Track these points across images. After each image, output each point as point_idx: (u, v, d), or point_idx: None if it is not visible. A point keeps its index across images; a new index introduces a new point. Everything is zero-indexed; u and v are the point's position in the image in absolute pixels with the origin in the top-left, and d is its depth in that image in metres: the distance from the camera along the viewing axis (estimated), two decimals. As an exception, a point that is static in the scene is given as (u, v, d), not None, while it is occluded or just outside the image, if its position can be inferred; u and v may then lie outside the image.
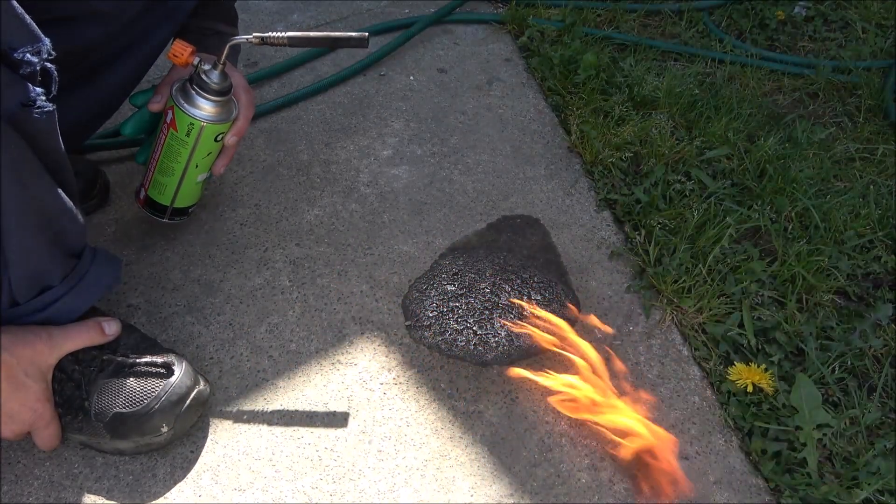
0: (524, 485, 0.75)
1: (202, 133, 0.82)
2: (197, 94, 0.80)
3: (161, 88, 0.84)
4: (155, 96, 0.83)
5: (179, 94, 0.80)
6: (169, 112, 0.81)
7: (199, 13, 0.88)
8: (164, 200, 0.87)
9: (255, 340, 0.85)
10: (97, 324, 0.71)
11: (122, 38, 0.77)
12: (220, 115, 0.82)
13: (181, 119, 0.80)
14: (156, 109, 0.82)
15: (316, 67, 1.26)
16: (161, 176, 0.85)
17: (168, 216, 0.89)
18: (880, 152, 1.20)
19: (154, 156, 0.85)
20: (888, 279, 0.99)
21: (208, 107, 0.81)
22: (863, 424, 0.81)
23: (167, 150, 0.83)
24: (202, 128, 0.81)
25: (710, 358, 0.88)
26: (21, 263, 0.62)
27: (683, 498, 0.74)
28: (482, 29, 1.40)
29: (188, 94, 0.80)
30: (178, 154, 0.83)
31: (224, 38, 0.89)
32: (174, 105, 0.80)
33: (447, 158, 1.12)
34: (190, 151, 0.83)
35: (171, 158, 0.83)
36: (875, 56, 1.44)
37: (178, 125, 0.81)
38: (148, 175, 0.86)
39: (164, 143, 0.83)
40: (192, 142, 0.82)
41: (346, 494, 0.73)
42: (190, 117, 0.80)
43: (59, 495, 0.71)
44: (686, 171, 1.10)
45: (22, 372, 0.65)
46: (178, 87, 0.81)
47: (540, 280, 0.93)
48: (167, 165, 0.84)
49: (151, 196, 0.87)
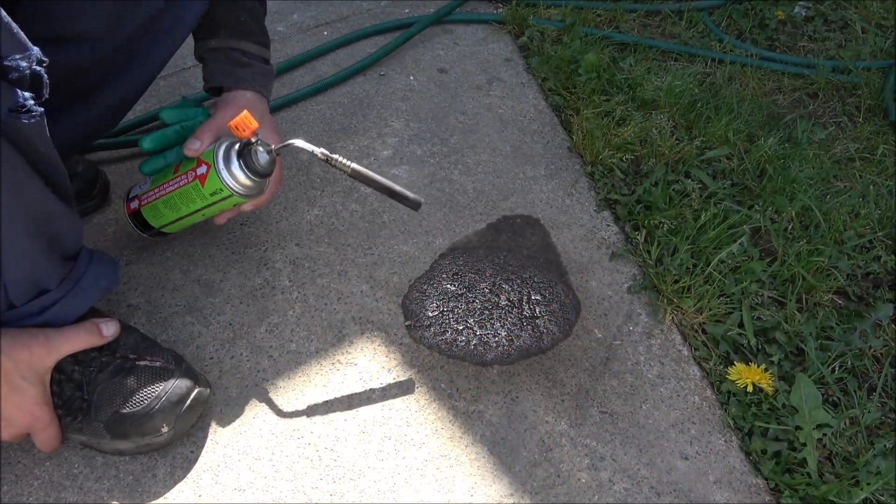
0: (524, 485, 0.75)
1: (226, 199, 0.80)
2: (240, 168, 0.77)
3: (203, 135, 0.80)
4: (194, 141, 0.79)
5: (222, 158, 0.77)
6: (203, 166, 0.78)
7: (218, 33, 0.87)
8: (155, 223, 0.85)
9: (255, 340, 0.85)
10: (95, 326, 0.71)
11: (116, 60, 0.75)
12: (251, 191, 0.80)
13: (213, 181, 0.78)
14: (192, 155, 0.79)
15: (316, 67, 1.26)
16: (164, 207, 0.82)
17: (150, 234, 0.87)
18: (880, 152, 1.20)
19: (165, 186, 0.81)
20: (888, 279, 1.00)
21: (245, 182, 0.78)
22: (863, 424, 0.81)
23: (183, 194, 0.80)
24: (229, 196, 0.79)
25: (710, 358, 0.88)
26: (15, 267, 0.62)
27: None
28: (482, 29, 1.40)
29: (230, 162, 0.77)
30: (191, 201, 0.81)
31: (255, 66, 0.88)
32: (212, 165, 0.77)
33: (447, 158, 1.12)
34: (205, 206, 0.81)
35: (183, 202, 0.81)
36: (875, 56, 1.44)
37: (206, 183, 0.78)
38: (149, 195, 0.83)
39: (183, 186, 0.80)
40: (211, 201, 0.80)
41: (346, 494, 0.73)
42: (223, 184, 0.78)
43: (59, 495, 0.71)
44: (686, 171, 1.11)
45: (18, 375, 0.65)
46: (224, 149, 0.78)
47: (540, 280, 0.93)
48: (175, 203, 0.81)
49: (144, 214, 0.84)
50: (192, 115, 0.87)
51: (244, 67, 0.87)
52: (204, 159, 0.78)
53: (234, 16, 0.86)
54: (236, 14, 0.86)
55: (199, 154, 0.78)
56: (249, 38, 0.88)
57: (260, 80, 0.88)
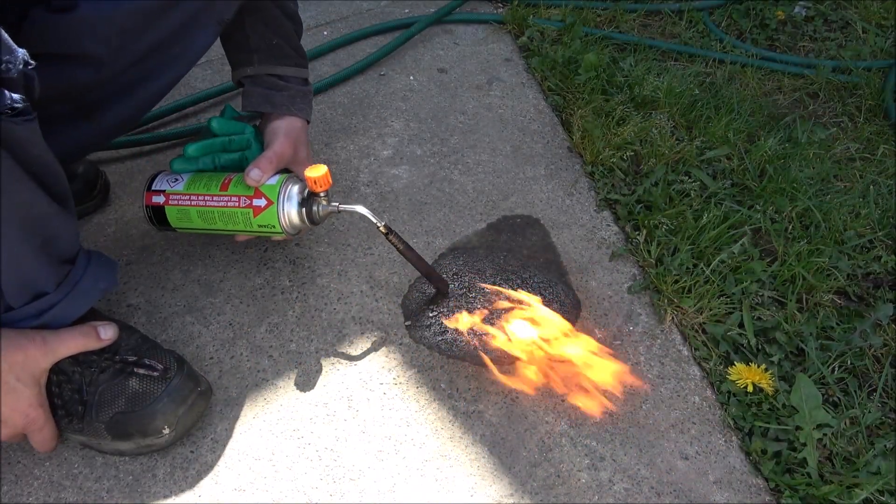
0: (524, 485, 0.75)
1: (270, 233, 0.81)
2: (298, 214, 0.79)
3: (264, 165, 0.80)
4: (255, 171, 0.79)
5: (287, 200, 0.79)
6: (262, 199, 0.79)
7: (253, 59, 0.87)
8: (175, 224, 0.85)
9: (255, 340, 0.85)
10: (93, 329, 0.71)
11: (121, 81, 0.75)
12: (296, 232, 0.82)
13: (269, 217, 0.79)
14: (252, 185, 0.79)
15: (316, 67, 1.26)
16: (198, 216, 0.82)
17: (161, 228, 0.87)
18: (880, 152, 1.20)
19: (206, 198, 0.81)
20: (888, 279, 0.99)
21: (298, 225, 0.81)
22: (863, 424, 0.81)
23: (228, 214, 0.80)
24: (277, 233, 0.81)
25: (710, 358, 0.88)
26: (9, 270, 0.62)
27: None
28: (482, 29, 1.40)
29: (292, 205, 0.79)
30: (234, 224, 0.81)
31: (293, 89, 0.89)
32: (275, 203, 0.78)
33: (447, 158, 1.12)
34: (243, 230, 0.82)
35: (224, 220, 0.81)
36: (875, 56, 1.44)
37: (261, 216, 0.79)
38: (181, 198, 0.82)
39: (231, 208, 0.80)
40: (256, 230, 0.81)
41: (346, 494, 0.73)
42: (279, 223, 0.79)
43: (59, 495, 0.71)
44: (686, 171, 1.11)
45: (13, 377, 0.65)
46: (288, 191, 0.79)
47: (540, 280, 0.93)
48: (214, 219, 0.82)
49: (167, 213, 0.84)
50: (238, 128, 0.87)
51: (281, 91, 0.88)
52: (266, 193, 0.79)
53: (267, 41, 0.87)
54: (269, 39, 0.87)
55: (259, 185, 0.79)
56: (284, 61, 0.90)
57: (298, 104, 0.89)
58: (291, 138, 0.86)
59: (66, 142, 0.75)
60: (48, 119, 0.61)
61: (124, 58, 0.73)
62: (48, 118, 0.62)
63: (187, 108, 1.16)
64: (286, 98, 0.88)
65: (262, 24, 0.86)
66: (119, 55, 0.72)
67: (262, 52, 0.88)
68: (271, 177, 0.81)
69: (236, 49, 0.89)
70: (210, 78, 1.23)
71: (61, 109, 0.73)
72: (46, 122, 0.60)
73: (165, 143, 1.09)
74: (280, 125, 0.87)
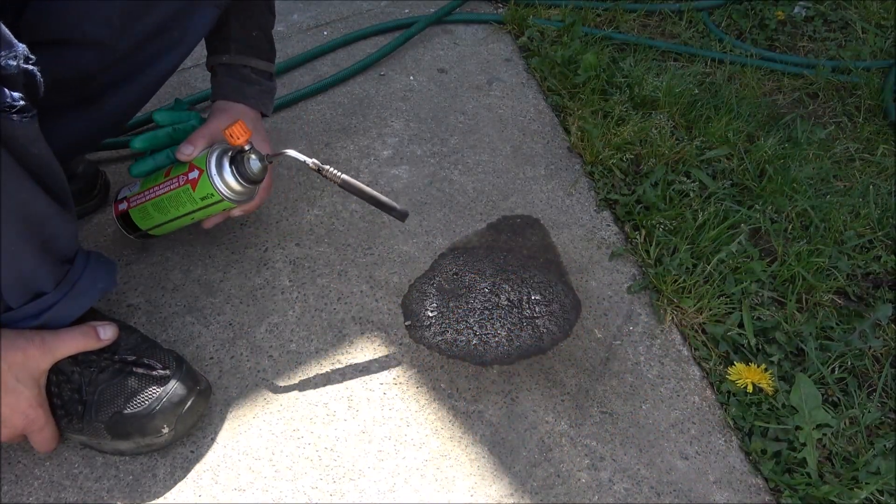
0: (524, 485, 0.75)
1: (216, 204, 0.81)
2: (231, 174, 0.79)
3: (196, 140, 0.81)
4: (186, 146, 0.80)
5: (214, 164, 0.78)
6: (195, 171, 0.79)
7: (230, 48, 0.88)
8: (142, 226, 0.86)
9: (255, 340, 0.85)
10: (92, 329, 0.71)
11: (122, 67, 0.75)
12: (242, 197, 0.81)
13: (204, 186, 0.79)
14: (184, 160, 0.80)
15: (316, 67, 1.26)
16: (153, 209, 0.83)
17: (136, 236, 0.88)
18: (880, 152, 1.20)
19: (155, 189, 0.82)
20: (888, 279, 1.00)
21: (236, 188, 0.80)
22: (863, 424, 0.81)
23: (173, 197, 0.81)
24: (220, 201, 0.80)
25: (710, 358, 0.88)
26: (9, 269, 0.62)
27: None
28: (482, 29, 1.40)
29: (222, 168, 0.79)
30: (181, 205, 0.81)
31: (262, 84, 0.89)
32: (205, 170, 0.78)
33: (447, 158, 1.12)
34: (195, 209, 0.82)
35: (173, 205, 0.82)
36: (875, 56, 1.44)
37: (198, 188, 0.79)
38: (138, 198, 0.84)
39: (174, 190, 0.80)
40: (202, 205, 0.81)
41: (346, 494, 0.73)
42: (214, 189, 0.79)
43: (59, 495, 0.71)
44: (686, 171, 1.11)
45: (13, 377, 0.65)
46: (216, 155, 0.79)
47: (540, 280, 0.93)
48: (165, 206, 0.82)
49: (132, 216, 0.85)
50: (184, 118, 0.87)
51: (251, 85, 0.89)
52: (196, 164, 0.79)
53: (247, 32, 0.88)
54: (249, 30, 0.88)
55: (191, 159, 0.80)
56: (259, 54, 0.90)
57: (263, 99, 0.90)
58: (232, 115, 0.85)
59: (69, 133, 0.75)
60: (52, 110, 0.61)
61: (125, 41, 0.73)
62: (52, 109, 0.61)
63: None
64: (256, 92, 0.89)
65: (246, 14, 0.87)
66: (120, 39, 0.72)
67: (241, 41, 0.88)
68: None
69: (215, 35, 0.88)
70: (210, 77, 1.22)
71: (63, 99, 0.73)
72: (50, 113, 0.59)
73: (165, 143, 1.09)
74: (225, 104, 0.87)
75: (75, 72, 0.71)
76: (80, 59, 0.71)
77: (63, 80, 0.69)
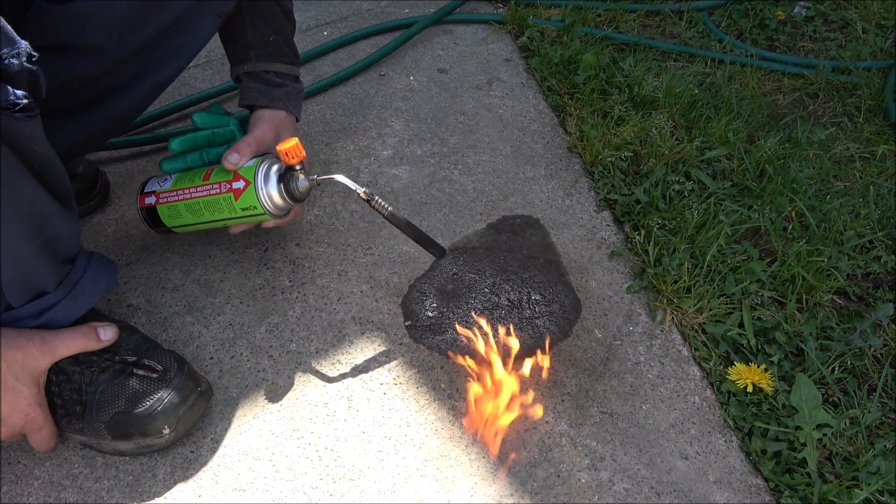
0: (524, 485, 0.75)
1: (256, 216, 0.81)
2: (278, 190, 0.79)
3: (243, 149, 0.81)
4: (233, 154, 0.80)
5: (263, 178, 0.79)
6: (240, 181, 0.79)
7: (249, 56, 0.88)
8: (169, 223, 0.86)
9: (255, 340, 0.85)
10: (93, 329, 0.71)
11: (122, 73, 0.76)
12: (282, 213, 0.82)
13: (249, 197, 0.79)
14: (231, 168, 0.80)
15: (316, 67, 1.26)
16: (186, 210, 0.83)
17: (158, 231, 0.88)
18: (880, 152, 1.20)
19: (191, 190, 0.82)
20: (888, 279, 0.99)
21: (280, 203, 0.80)
22: (863, 424, 0.81)
23: (211, 202, 0.81)
24: (261, 214, 0.81)
25: (710, 358, 0.88)
26: (10, 268, 0.62)
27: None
28: (482, 29, 1.40)
29: (270, 183, 0.79)
30: (219, 211, 0.81)
31: (288, 86, 0.90)
32: (252, 183, 0.78)
33: (447, 158, 1.12)
34: (232, 217, 0.82)
35: (210, 210, 0.82)
36: (875, 56, 1.44)
37: (241, 198, 0.79)
38: (170, 195, 0.83)
39: (214, 196, 0.80)
40: (241, 215, 0.81)
41: (346, 494, 0.73)
42: (259, 203, 0.79)
43: (59, 495, 0.71)
44: (686, 172, 1.11)
45: (12, 376, 0.65)
46: (265, 169, 0.79)
47: (540, 280, 0.93)
48: (200, 210, 0.82)
49: (160, 212, 0.85)
50: (223, 122, 0.88)
51: (277, 87, 0.89)
52: (243, 175, 0.79)
53: (264, 38, 0.88)
54: (265, 36, 0.88)
55: (237, 168, 0.80)
56: (280, 58, 0.90)
57: (292, 101, 0.90)
58: (273, 124, 0.86)
59: (70, 136, 0.75)
60: (52, 113, 0.61)
61: (125, 48, 0.73)
62: (52, 112, 0.61)
63: (187, 109, 1.16)
64: (282, 94, 0.89)
65: (261, 20, 0.87)
66: (120, 45, 0.72)
67: (259, 48, 0.88)
68: (251, 160, 0.81)
69: (234, 45, 0.89)
70: (210, 78, 1.23)
71: (64, 103, 0.73)
72: (50, 117, 0.60)
73: (165, 144, 1.09)
74: (265, 113, 0.88)
75: (75, 77, 0.71)
76: (79, 65, 0.71)
77: (63, 84, 0.70)
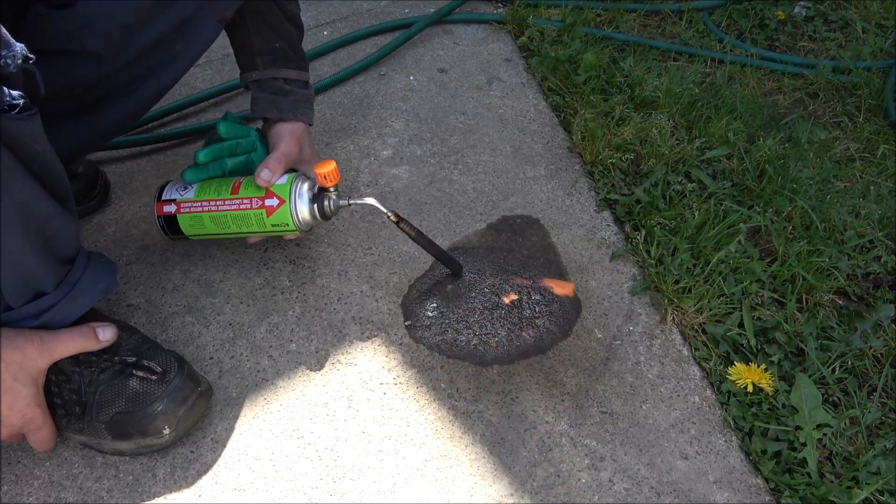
0: (524, 485, 0.75)
1: (283, 231, 0.82)
2: (310, 210, 0.80)
3: (275, 167, 0.81)
4: (265, 172, 0.80)
5: (298, 197, 0.80)
6: (274, 198, 0.80)
7: (257, 63, 0.88)
8: (188, 232, 0.85)
9: (255, 340, 0.85)
10: (92, 330, 0.70)
11: (122, 78, 0.75)
12: (308, 228, 0.83)
13: (282, 215, 0.80)
14: (263, 185, 0.80)
15: (316, 67, 1.26)
16: (211, 222, 0.83)
17: (173, 237, 0.87)
18: (880, 152, 1.20)
19: (217, 203, 0.82)
20: (888, 279, 0.99)
21: (310, 221, 0.82)
22: (863, 424, 0.81)
23: (241, 217, 0.81)
24: (291, 231, 0.82)
25: (710, 358, 0.88)
26: (9, 269, 0.62)
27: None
28: (482, 29, 1.40)
29: (303, 202, 0.80)
30: (247, 225, 0.82)
31: (297, 93, 0.90)
32: (287, 201, 0.79)
33: (447, 158, 1.12)
34: (257, 231, 0.83)
35: (237, 223, 0.82)
36: (875, 56, 1.44)
37: (274, 215, 0.80)
38: (193, 205, 0.83)
39: (244, 210, 0.81)
40: (269, 230, 0.82)
41: (346, 494, 0.73)
42: (292, 221, 0.80)
43: (59, 495, 0.71)
44: (686, 172, 1.11)
45: (10, 376, 0.65)
46: (299, 188, 0.80)
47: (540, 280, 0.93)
48: (227, 222, 0.82)
49: (180, 221, 0.84)
50: (244, 132, 0.88)
51: (286, 96, 0.90)
52: (277, 192, 0.80)
53: (269, 44, 0.88)
54: (271, 42, 0.88)
55: (270, 185, 0.81)
56: (287, 64, 0.91)
57: (302, 108, 0.91)
58: (296, 138, 0.88)
59: (68, 140, 0.75)
60: (50, 116, 0.61)
61: (125, 54, 0.73)
62: (50, 116, 0.61)
63: (187, 108, 1.15)
64: (291, 103, 0.90)
65: (265, 26, 0.87)
66: (119, 51, 0.72)
67: (266, 54, 0.89)
68: (280, 177, 0.82)
69: (241, 52, 0.90)
70: (210, 78, 1.23)
71: (63, 107, 0.73)
72: (48, 120, 0.60)
73: (165, 143, 1.09)
74: (285, 127, 0.88)
75: (75, 82, 0.71)
76: (79, 70, 0.71)
77: (63, 89, 0.69)
